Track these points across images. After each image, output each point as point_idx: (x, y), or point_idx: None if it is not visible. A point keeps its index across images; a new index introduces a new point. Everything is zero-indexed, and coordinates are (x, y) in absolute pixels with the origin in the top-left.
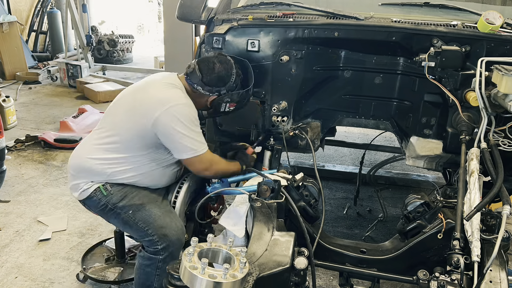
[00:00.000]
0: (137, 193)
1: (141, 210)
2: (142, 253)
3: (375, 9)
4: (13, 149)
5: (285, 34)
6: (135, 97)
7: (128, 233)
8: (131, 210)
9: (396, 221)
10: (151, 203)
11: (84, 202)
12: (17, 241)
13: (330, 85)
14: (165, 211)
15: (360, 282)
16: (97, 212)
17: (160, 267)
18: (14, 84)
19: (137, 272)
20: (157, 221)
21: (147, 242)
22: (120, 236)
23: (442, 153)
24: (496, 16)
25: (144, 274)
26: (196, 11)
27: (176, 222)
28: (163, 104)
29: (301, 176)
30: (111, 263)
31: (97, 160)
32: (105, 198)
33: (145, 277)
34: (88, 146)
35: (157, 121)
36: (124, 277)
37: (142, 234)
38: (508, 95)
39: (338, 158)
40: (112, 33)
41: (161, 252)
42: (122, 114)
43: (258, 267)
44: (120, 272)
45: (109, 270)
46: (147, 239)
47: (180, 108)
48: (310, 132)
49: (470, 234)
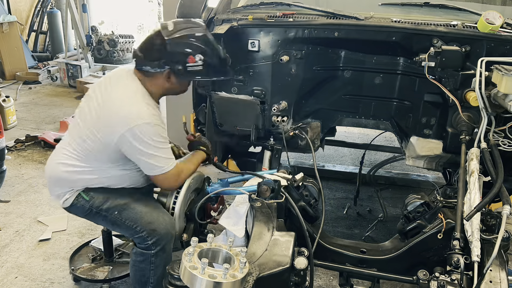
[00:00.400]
0: (119, 194)
1: (126, 209)
2: (135, 249)
3: (375, 9)
4: (13, 149)
5: (285, 34)
6: (101, 106)
7: (118, 232)
8: (116, 210)
9: (396, 221)
10: (135, 201)
11: (69, 210)
12: (17, 241)
13: (330, 85)
14: (151, 207)
15: (360, 282)
16: (84, 217)
17: (153, 261)
18: (14, 84)
19: (132, 269)
20: (144, 218)
21: (138, 239)
22: (107, 235)
23: (442, 153)
24: (496, 16)
25: (139, 270)
26: (196, 11)
27: (164, 216)
28: (128, 123)
29: (301, 176)
30: (99, 262)
31: (70, 167)
32: (88, 203)
33: (141, 273)
34: (60, 154)
35: (122, 139)
36: (115, 275)
37: (132, 232)
38: (508, 95)
39: (338, 158)
40: (112, 33)
41: (152, 247)
42: (90, 122)
43: (258, 267)
44: (109, 271)
45: (98, 270)
46: (137, 236)
47: (145, 127)
48: (310, 132)
49: (470, 234)
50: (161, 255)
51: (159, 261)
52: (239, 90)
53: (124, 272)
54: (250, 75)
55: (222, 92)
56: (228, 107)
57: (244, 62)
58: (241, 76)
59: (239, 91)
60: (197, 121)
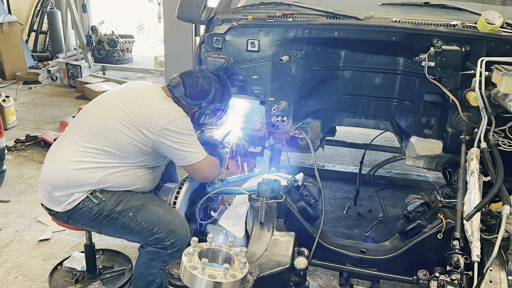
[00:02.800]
0: (131, 196)
1: (142, 210)
2: (148, 248)
3: (375, 9)
4: (13, 149)
5: (285, 34)
6: (130, 108)
7: (126, 239)
8: (131, 212)
9: (396, 221)
10: (150, 203)
11: (68, 215)
12: (17, 241)
13: (330, 85)
14: (166, 208)
15: (360, 282)
16: (85, 224)
17: (166, 261)
18: (14, 84)
19: (141, 267)
20: (161, 219)
21: (153, 241)
22: (91, 250)
23: (442, 153)
24: (496, 16)
25: (148, 268)
26: (196, 11)
27: (180, 218)
28: (167, 116)
29: (301, 176)
30: (82, 282)
31: (82, 164)
32: (98, 206)
33: (149, 271)
34: (70, 154)
35: (162, 132)
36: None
37: (147, 234)
38: (508, 95)
39: (338, 158)
40: (112, 33)
41: (169, 248)
42: (114, 123)
43: (258, 267)
44: (101, 286)
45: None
46: (153, 238)
47: (183, 118)
48: (310, 132)
49: (470, 234)
50: (175, 256)
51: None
52: (239, 90)
53: (118, 285)
54: (250, 75)
55: None
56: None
57: (244, 62)
58: (241, 76)
59: (239, 91)
60: None
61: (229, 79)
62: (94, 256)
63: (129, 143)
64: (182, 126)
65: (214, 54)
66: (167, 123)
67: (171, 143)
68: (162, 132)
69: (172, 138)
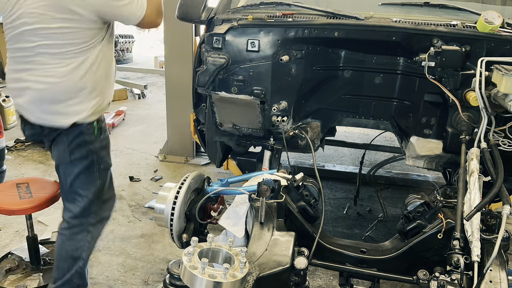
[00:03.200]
0: (108, 151)
1: (107, 171)
2: (71, 221)
3: (375, 9)
4: (13, 149)
5: (285, 34)
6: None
7: (78, 181)
8: (102, 165)
9: (396, 221)
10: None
11: (66, 129)
12: (17, 241)
13: (330, 85)
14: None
15: (360, 282)
16: (66, 148)
17: (91, 231)
18: None
19: (63, 245)
20: (108, 191)
21: (86, 200)
22: (32, 241)
23: (442, 153)
24: (495, 16)
25: (73, 243)
26: (196, 11)
27: (114, 197)
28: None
29: (301, 176)
30: (23, 273)
31: (66, 67)
32: (91, 137)
33: (73, 247)
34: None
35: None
36: (48, 281)
37: (92, 191)
38: (508, 95)
39: (338, 158)
40: None
41: (93, 217)
42: (45, 16)
43: (258, 267)
44: (40, 278)
45: (27, 279)
46: (90, 197)
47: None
48: (310, 132)
49: (470, 234)
50: (100, 229)
51: (96, 233)
52: (239, 90)
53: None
54: (250, 75)
55: (222, 92)
56: (228, 107)
57: (244, 62)
58: (241, 76)
59: (239, 91)
60: (197, 121)
61: (229, 79)
62: (36, 247)
63: (75, 29)
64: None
65: (214, 54)
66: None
67: (109, 9)
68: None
69: (107, 3)
